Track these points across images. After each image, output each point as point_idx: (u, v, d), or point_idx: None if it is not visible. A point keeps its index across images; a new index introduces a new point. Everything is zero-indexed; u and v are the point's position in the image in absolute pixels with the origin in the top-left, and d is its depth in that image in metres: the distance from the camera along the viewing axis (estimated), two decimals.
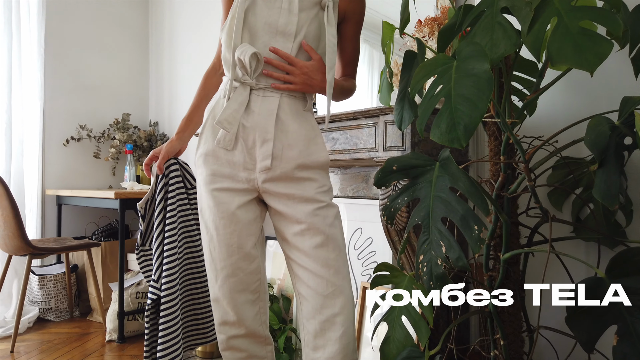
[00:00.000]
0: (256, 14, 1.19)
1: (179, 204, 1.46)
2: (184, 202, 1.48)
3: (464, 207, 0.98)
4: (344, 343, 1.16)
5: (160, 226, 1.42)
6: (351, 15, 1.30)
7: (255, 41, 1.19)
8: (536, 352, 1.49)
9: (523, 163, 1.12)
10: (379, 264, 1.25)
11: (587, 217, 1.46)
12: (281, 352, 2.02)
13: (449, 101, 0.92)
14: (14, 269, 2.84)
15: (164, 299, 1.40)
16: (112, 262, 2.98)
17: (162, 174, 1.44)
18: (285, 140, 1.19)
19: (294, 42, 1.19)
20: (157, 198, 1.43)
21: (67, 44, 3.33)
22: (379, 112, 1.69)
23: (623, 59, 1.39)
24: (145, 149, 3.44)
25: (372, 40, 2.20)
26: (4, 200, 2.37)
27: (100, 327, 2.80)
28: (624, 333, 0.90)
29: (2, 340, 2.58)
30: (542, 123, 1.60)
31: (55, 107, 3.26)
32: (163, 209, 1.43)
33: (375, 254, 1.95)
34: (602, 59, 0.84)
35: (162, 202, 1.43)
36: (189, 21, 3.44)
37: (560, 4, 0.93)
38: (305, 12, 1.19)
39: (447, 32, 1.15)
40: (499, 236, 1.24)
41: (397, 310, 1.17)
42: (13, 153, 3.00)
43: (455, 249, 0.98)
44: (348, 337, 1.17)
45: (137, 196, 2.70)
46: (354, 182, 1.95)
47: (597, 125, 1.00)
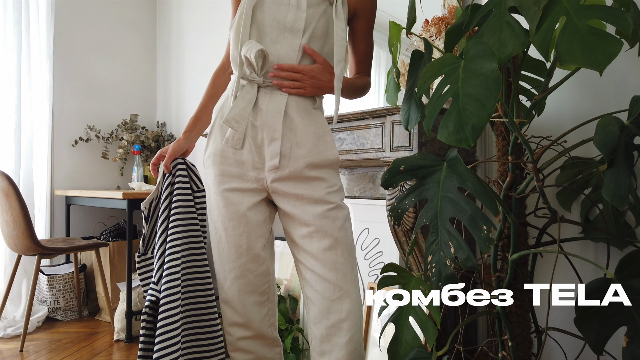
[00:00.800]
0: (264, 10, 1.18)
1: (184, 205, 1.37)
2: (189, 204, 1.41)
3: (472, 207, 0.98)
4: (350, 349, 1.15)
5: (163, 226, 1.38)
6: (362, 12, 1.29)
7: (263, 38, 1.18)
8: (544, 353, 1.48)
9: (531, 163, 1.11)
10: (386, 264, 1.25)
11: (596, 218, 1.45)
12: (288, 353, 2.02)
13: (456, 101, 0.91)
14: (23, 268, 2.86)
15: (163, 299, 1.27)
16: (120, 262, 3.00)
17: (169, 172, 1.42)
18: (293, 138, 1.19)
19: (302, 39, 1.18)
20: (162, 197, 1.40)
21: (76, 45, 3.35)
22: (386, 112, 1.68)
23: (633, 58, 1.38)
24: (152, 149, 3.46)
25: (379, 40, 2.20)
26: (13, 200, 2.39)
27: (109, 326, 2.82)
28: (634, 334, 0.89)
29: (12, 339, 2.60)
30: (550, 123, 1.59)
31: (63, 108, 3.29)
32: (167, 209, 1.39)
33: (382, 254, 1.95)
34: (611, 58, 0.83)
35: (167, 202, 1.39)
36: (196, 22, 3.46)
37: (569, 3, 0.92)
38: (313, 8, 1.19)
39: (454, 31, 1.15)
40: (507, 237, 1.23)
41: (405, 311, 1.16)
42: (22, 154, 3.02)
43: (464, 249, 0.97)
44: (354, 343, 1.16)
45: (145, 196, 2.71)
46: (361, 183, 1.94)
47: (607, 125, 0.99)
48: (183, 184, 1.40)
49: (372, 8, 1.31)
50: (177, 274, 1.32)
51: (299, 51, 1.19)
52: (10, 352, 2.39)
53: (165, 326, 1.24)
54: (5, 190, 2.42)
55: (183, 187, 1.40)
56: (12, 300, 2.84)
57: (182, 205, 1.39)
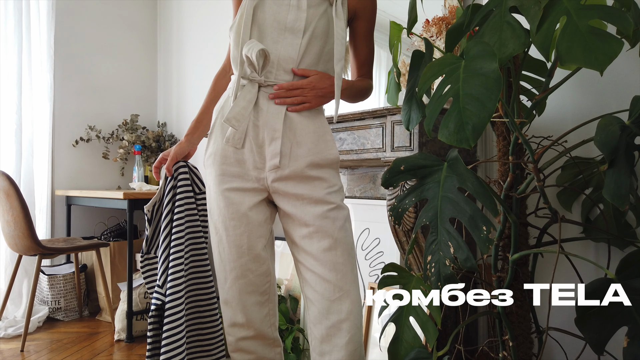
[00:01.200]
0: (265, 11, 1.19)
1: (187, 208, 1.42)
2: (191, 207, 1.43)
3: (472, 208, 0.98)
4: (350, 350, 1.15)
5: (167, 229, 1.39)
6: (362, 13, 1.29)
7: (263, 38, 1.19)
8: (545, 353, 1.48)
9: (532, 163, 1.11)
10: (387, 264, 1.25)
11: (597, 218, 1.45)
12: (289, 353, 2.02)
13: (457, 101, 0.91)
14: (24, 268, 2.87)
15: (169, 304, 1.33)
16: (120, 262, 3.00)
17: (171, 176, 1.43)
18: (293, 138, 1.19)
19: (302, 38, 1.18)
20: (164, 201, 1.42)
21: (77, 46, 3.36)
22: (387, 112, 1.68)
23: (633, 58, 1.38)
24: (153, 149, 3.46)
25: (380, 40, 2.20)
26: (14, 200, 2.40)
27: (109, 326, 2.82)
28: (635, 335, 0.89)
29: (13, 339, 2.60)
30: (551, 123, 1.59)
31: (64, 109, 3.29)
32: (170, 212, 1.40)
33: (382, 254, 1.95)
34: (612, 58, 0.83)
35: (170, 205, 1.41)
36: (197, 22, 3.46)
37: (570, 3, 0.92)
38: (313, 8, 1.19)
39: (455, 31, 1.15)
40: (508, 237, 1.23)
41: (405, 311, 1.16)
42: (23, 154, 3.02)
43: (464, 249, 0.97)
44: (354, 343, 1.16)
45: (146, 196, 2.71)
46: (362, 183, 1.94)
47: (607, 125, 0.99)
48: (185, 187, 1.42)
49: (372, 9, 1.31)
50: (180, 278, 1.36)
51: (299, 51, 1.19)
52: (11, 352, 2.40)
53: (171, 329, 1.32)
54: (6, 191, 2.42)
55: (185, 191, 1.42)
56: (12, 301, 2.84)
57: (184, 209, 1.41)
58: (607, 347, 0.95)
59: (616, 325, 0.93)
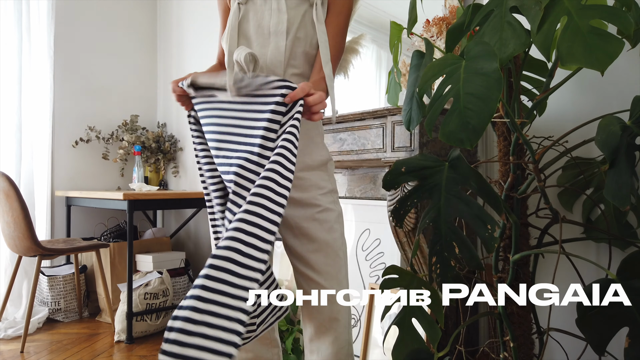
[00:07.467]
0: (249, 20, 1.22)
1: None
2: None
3: (476, 207, 0.98)
4: (336, 348, 1.21)
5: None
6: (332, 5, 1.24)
7: (251, 44, 1.22)
8: (546, 354, 1.48)
9: (533, 163, 1.11)
10: (388, 267, 1.25)
11: (598, 218, 1.44)
12: (289, 353, 2.02)
13: (457, 101, 0.91)
14: (23, 269, 2.86)
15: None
16: (120, 263, 3.00)
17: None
18: None
19: (286, 40, 1.20)
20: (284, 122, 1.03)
21: (76, 46, 3.35)
22: (387, 113, 1.68)
23: (634, 58, 1.38)
24: (153, 150, 3.46)
25: (380, 40, 2.20)
26: (14, 201, 2.39)
27: (109, 327, 2.82)
28: (636, 335, 0.89)
29: (12, 340, 2.60)
30: (551, 123, 1.59)
31: (64, 109, 3.28)
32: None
33: (383, 255, 1.94)
34: (612, 58, 0.83)
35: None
36: (197, 23, 3.46)
37: (570, 3, 0.92)
38: (294, 9, 1.21)
39: (455, 31, 1.15)
40: (509, 237, 1.23)
41: (407, 313, 1.16)
42: (23, 155, 3.02)
43: (469, 249, 0.97)
44: (341, 341, 1.21)
45: (146, 197, 2.71)
46: (362, 183, 1.94)
47: (608, 125, 0.98)
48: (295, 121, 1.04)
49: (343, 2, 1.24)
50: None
51: (285, 53, 1.20)
52: (11, 353, 2.39)
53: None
54: (6, 191, 2.42)
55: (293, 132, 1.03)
56: (12, 302, 2.84)
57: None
58: (608, 348, 0.94)
59: (617, 326, 0.92)
